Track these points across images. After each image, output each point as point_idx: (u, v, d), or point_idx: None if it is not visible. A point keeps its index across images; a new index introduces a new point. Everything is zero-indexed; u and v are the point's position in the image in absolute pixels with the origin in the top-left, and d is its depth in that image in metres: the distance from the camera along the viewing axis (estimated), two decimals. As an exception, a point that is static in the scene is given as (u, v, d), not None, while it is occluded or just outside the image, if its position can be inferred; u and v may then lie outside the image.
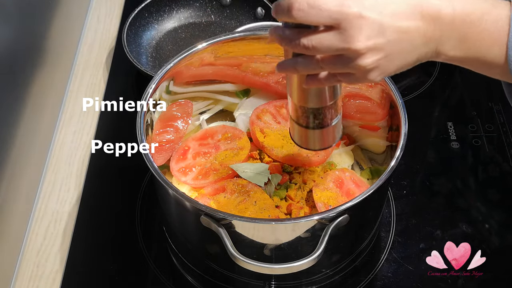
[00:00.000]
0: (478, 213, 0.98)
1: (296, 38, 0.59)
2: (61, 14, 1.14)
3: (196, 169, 0.93)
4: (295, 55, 0.63)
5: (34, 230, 0.97)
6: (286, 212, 0.88)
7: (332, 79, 0.63)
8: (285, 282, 0.90)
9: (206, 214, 0.75)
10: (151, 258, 0.93)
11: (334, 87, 0.69)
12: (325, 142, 0.76)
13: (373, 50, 0.59)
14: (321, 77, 0.63)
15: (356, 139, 1.00)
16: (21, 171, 0.96)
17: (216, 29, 1.25)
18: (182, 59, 0.90)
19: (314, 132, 0.73)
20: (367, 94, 0.93)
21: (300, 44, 0.59)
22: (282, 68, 0.64)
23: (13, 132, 0.92)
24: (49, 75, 1.09)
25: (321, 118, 0.71)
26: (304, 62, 0.62)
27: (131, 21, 1.19)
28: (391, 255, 0.93)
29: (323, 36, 0.58)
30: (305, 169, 0.93)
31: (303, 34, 0.59)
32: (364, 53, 0.59)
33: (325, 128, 0.73)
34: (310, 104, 0.70)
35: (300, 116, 0.72)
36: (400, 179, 1.02)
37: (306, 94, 0.69)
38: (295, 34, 0.59)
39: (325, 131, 0.73)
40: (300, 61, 0.62)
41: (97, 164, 1.05)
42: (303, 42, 0.59)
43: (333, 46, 0.59)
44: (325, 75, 0.63)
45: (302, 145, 0.77)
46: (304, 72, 0.64)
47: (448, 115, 1.13)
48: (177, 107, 0.97)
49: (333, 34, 0.58)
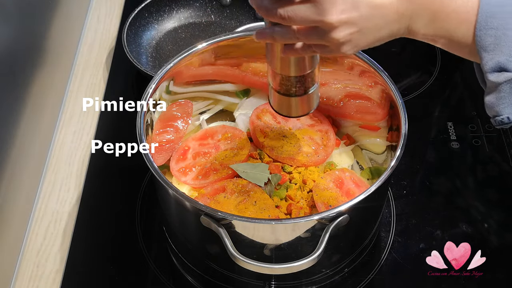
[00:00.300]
0: (477, 213, 0.98)
1: (273, 8, 0.62)
2: (61, 14, 1.14)
3: (196, 169, 0.93)
4: (273, 24, 0.65)
5: (34, 230, 0.97)
6: (286, 212, 0.88)
7: (308, 49, 0.66)
8: (285, 282, 0.90)
9: (206, 214, 0.75)
10: (151, 258, 0.93)
11: (312, 56, 0.72)
12: (303, 109, 0.79)
13: (346, 24, 0.62)
14: (297, 47, 0.66)
15: (356, 139, 1.00)
16: (21, 171, 0.96)
17: (216, 29, 1.25)
18: (182, 59, 0.90)
19: (292, 99, 0.76)
20: (367, 94, 0.93)
21: (277, 14, 0.62)
22: (261, 36, 0.67)
23: (13, 132, 0.93)
24: (49, 75, 1.09)
25: (299, 86, 0.74)
26: (281, 31, 0.65)
27: (131, 21, 1.19)
28: (391, 255, 0.93)
29: (298, 8, 0.61)
30: (305, 169, 0.93)
31: (279, 4, 0.61)
32: (337, 26, 0.62)
33: (303, 96, 0.76)
34: (288, 72, 0.73)
35: (278, 84, 0.75)
36: (400, 179, 1.02)
37: (285, 63, 0.71)
38: (273, 3, 0.62)
39: (303, 98, 0.76)
40: (278, 31, 0.65)
41: (97, 164, 1.05)
42: (280, 12, 0.61)
43: (308, 18, 0.61)
44: (301, 45, 0.66)
45: (281, 112, 0.80)
46: (281, 41, 0.66)
47: (448, 115, 1.13)
48: (177, 107, 0.97)
49: (308, 6, 0.61)
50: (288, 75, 0.73)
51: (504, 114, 0.66)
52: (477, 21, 0.64)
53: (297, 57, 0.70)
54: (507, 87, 0.64)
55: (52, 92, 1.12)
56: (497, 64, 0.64)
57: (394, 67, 0.92)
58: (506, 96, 0.65)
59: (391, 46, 1.23)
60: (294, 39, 0.65)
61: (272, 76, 0.75)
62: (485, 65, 0.65)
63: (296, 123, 0.99)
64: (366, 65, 0.89)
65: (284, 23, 0.63)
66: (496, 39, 0.63)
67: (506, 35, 0.63)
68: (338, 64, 0.93)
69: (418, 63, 1.21)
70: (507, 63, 0.64)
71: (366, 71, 0.90)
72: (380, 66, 0.88)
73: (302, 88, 0.75)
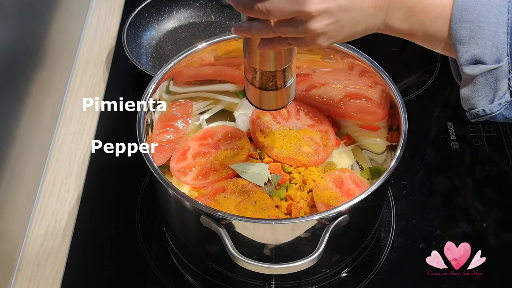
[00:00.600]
0: (477, 213, 0.98)
1: (251, 3, 0.62)
2: (61, 14, 1.14)
3: (196, 169, 0.93)
4: (250, 19, 0.66)
5: (34, 230, 0.97)
6: (286, 212, 0.88)
7: (284, 42, 0.66)
8: (285, 282, 0.90)
9: (206, 214, 0.75)
10: (151, 258, 0.93)
11: (289, 50, 0.72)
12: (279, 103, 0.80)
13: (324, 14, 0.62)
14: (273, 41, 0.66)
15: (356, 139, 1.00)
16: (21, 171, 0.96)
17: (216, 29, 1.25)
18: (182, 59, 0.90)
19: (269, 93, 0.77)
20: (367, 94, 0.93)
21: (254, 8, 0.62)
22: (238, 31, 0.67)
23: (13, 132, 0.93)
24: (49, 75, 1.09)
25: (276, 80, 0.75)
26: (258, 26, 0.65)
27: (131, 21, 1.19)
28: (391, 255, 0.93)
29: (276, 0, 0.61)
30: (305, 169, 0.93)
31: None
32: (315, 16, 0.62)
33: (279, 90, 0.77)
34: (266, 67, 0.73)
35: (255, 78, 0.76)
36: (400, 179, 1.02)
37: (262, 57, 0.72)
38: None
39: (279, 92, 0.77)
40: (255, 25, 0.65)
41: (97, 164, 1.05)
42: (258, 6, 0.62)
43: (286, 9, 0.61)
44: (277, 39, 0.66)
45: (257, 105, 0.80)
46: (257, 36, 0.67)
47: (448, 115, 1.13)
48: (177, 107, 0.97)
49: None
50: (266, 70, 0.74)
51: (480, 107, 0.66)
52: (452, 14, 0.64)
53: (274, 51, 0.70)
54: (483, 79, 0.64)
55: (52, 92, 1.12)
56: (472, 56, 0.64)
57: (394, 67, 0.92)
58: (481, 88, 0.65)
59: (391, 46, 1.24)
60: (270, 33, 0.65)
61: (249, 70, 0.76)
62: (461, 58, 0.65)
63: (296, 123, 0.99)
64: (366, 65, 0.89)
65: (263, 17, 0.63)
66: (471, 32, 0.64)
67: (481, 28, 0.63)
68: (338, 64, 0.93)
69: (418, 63, 1.21)
70: (482, 55, 0.64)
71: (366, 71, 0.90)
72: (380, 66, 0.88)
73: (279, 82, 0.76)
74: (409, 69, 1.19)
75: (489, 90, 0.65)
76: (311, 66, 0.96)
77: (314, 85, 0.99)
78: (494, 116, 0.66)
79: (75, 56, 1.22)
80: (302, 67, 0.96)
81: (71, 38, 1.23)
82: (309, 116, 1.00)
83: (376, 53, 0.87)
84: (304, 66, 0.96)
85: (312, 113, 1.00)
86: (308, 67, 0.96)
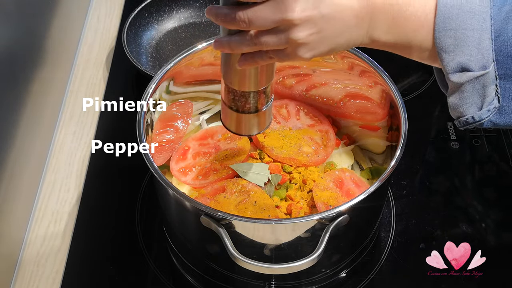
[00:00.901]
0: (477, 213, 0.98)
1: (232, 13, 0.60)
2: (61, 14, 1.14)
3: (196, 169, 0.93)
4: (230, 33, 0.63)
5: (34, 230, 0.97)
6: (286, 212, 0.88)
7: (265, 56, 0.64)
8: (285, 282, 0.90)
9: (206, 214, 0.75)
10: (151, 258, 0.93)
11: (268, 70, 0.69)
12: (255, 128, 0.76)
13: (307, 23, 0.61)
14: (254, 55, 0.64)
15: (356, 139, 1.00)
16: (21, 171, 0.96)
17: (216, 29, 1.25)
18: (182, 59, 0.90)
19: (245, 116, 0.73)
20: (367, 94, 0.93)
21: (236, 19, 0.60)
22: (218, 45, 0.65)
23: (13, 132, 0.92)
24: (49, 75, 1.09)
25: (254, 102, 0.71)
26: (238, 39, 0.63)
27: (131, 21, 1.19)
28: (391, 255, 0.93)
29: (258, 9, 0.60)
30: (305, 169, 0.93)
31: (238, 9, 0.60)
32: (297, 24, 0.60)
33: (257, 113, 0.73)
34: (242, 87, 0.70)
35: (232, 99, 0.72)
36: (400, 179, 1.02)
37: (240, 77, 0.68)
38: (232, 9, 0.61)
39: (256, 116, 0.73)
40: (235, 39, 0.63)
41: (97, 164, 1.05)
42: (239, 15, 0.60)
43: (268, 18, 0.60)
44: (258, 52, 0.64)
45: (232, 129, 0.76)
46: (238, 50, 0.64)
47: (448, 115, 1.11)
48: (177, 107, 0.97)
49: (268, 5, 0.60)
50: (242, 90, 0.70)
51: (468, 114, 0.66)
52: (435, 23, 0.64)
53: (252, 70, 0.67)
54: (470, 86, 0.64)
55: (52, 92, 1.12)
56: (458, 64, 0.64)
57: (394, 67, 0.91)
58: (469, 96, 0.65)
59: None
60: (252, 45, 0.63)
61: (226, 90, 0.72)
62: (446, 66, 0.65)
63: (296, 123, 0.99)
64: (366, 65, 0.89)
65: (244, 27, 0.61)
66: (455, 39, 0.63)
67: (465, 35, 0.63)
68: (338, 64, 0.93)
69: (418, 63, 1.20)
70: (468, 62, 0.63)
71: (366, 71, 0.90)
72: (380, 66, 0.88)
73: (255, 105, 0.72)
74: (409, 69, 1.19)
75: (477, 97, 0.65)
76: (311, 66, 0.96)
77: (314, 85, 0.99)
78: (483, 123, 0.65)
79: (75, 56, 1.22)
80: (302, 67, 0.96)
81: (71, 38, 1.23)
82: (309, 116, 1.00)
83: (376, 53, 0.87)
84: (304, 66, 0.96)
85: (312, 113, 1.00)
86: (308, 67, 0.96)
